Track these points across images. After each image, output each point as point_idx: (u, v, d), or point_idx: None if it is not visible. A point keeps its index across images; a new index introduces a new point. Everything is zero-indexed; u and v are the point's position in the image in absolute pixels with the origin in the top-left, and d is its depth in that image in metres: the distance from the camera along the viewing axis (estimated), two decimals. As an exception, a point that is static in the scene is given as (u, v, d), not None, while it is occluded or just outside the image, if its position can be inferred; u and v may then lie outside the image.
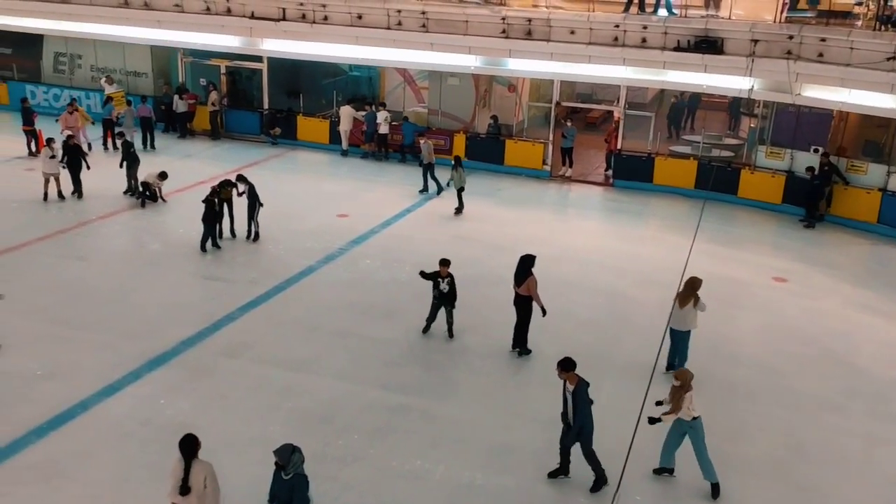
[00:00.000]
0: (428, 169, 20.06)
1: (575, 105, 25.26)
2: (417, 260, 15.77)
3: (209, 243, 16.10)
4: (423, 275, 12.67)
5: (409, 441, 10.33)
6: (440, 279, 12.45)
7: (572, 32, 20.15)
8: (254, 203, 16.62)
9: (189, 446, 7.71)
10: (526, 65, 21.20)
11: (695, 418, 9.32)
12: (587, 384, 9.16)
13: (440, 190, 20.03)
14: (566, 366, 9.18)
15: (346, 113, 23.33)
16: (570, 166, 22.34)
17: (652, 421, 9.30)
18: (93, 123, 22.73)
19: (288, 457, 7.55)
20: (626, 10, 20.33)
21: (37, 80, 27.30)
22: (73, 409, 10.62)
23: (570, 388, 9.12)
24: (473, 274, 15.43)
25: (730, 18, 19.78)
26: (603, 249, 17.29)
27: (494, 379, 11.89)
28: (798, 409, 11.50)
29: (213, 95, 24.40)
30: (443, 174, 19.68)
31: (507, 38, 20.66)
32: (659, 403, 9.58)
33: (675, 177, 21.24)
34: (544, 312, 12.23)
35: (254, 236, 16.77)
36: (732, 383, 12.11)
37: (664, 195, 21.11)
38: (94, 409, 10.68)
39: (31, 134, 21.70)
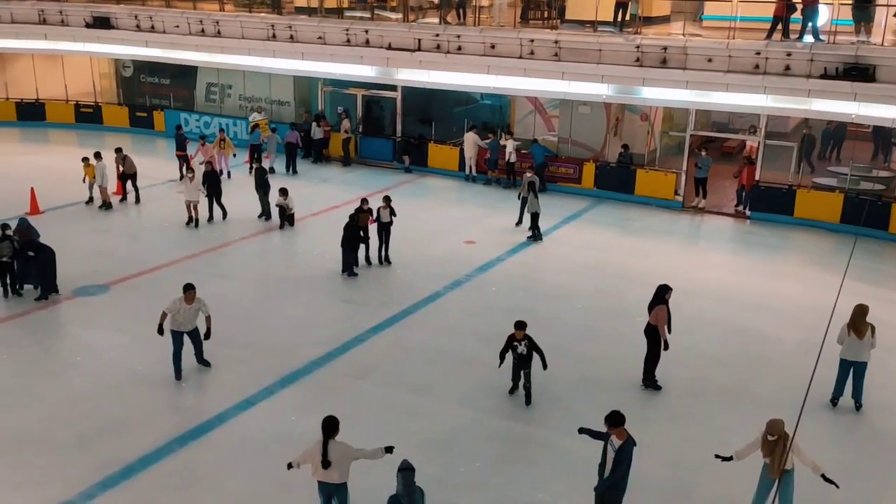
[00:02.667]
0: (526, 203, 19.38)
1: (710, 134, 24.52)
2: (542, 289, 15.71)
3: (349, 268, 16.45)
4: (503, 352, 11.80)
5: (531, 472, 10.22)
6: (517, 342, 11.72)
7: (710, 60, 19.58)
8: (389, 225, 17.03)
9: (328, 426, 8.35)
10: (660, 93, 20.74)
11: (787, 471, 8.74)
12: (634, 443, 8.72)
13: (521, 223, 19.51)
14: (614, 421, 8.73)
15: (470, 140, 23.64)
16: (704, 197, 21.62)
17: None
18: (234, 155, 23.74)
19: (397, 472, 7.76)
20: (769, 36, 19.55)
21: (190, 108, 29.29)
22: (211, 421, 11.17)
23: (617, 443, 8.68)
24: (601, 305, 15.16)
25: (882, 45, 18.64)
26: (738, 284, 16.55)
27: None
28: (958, 467, 10.55)
29: (346, 123, 25.37)
30: (560, 201, 18.97)
31: (640, 66, 20.33)
32: (725, 458, 9.09)
33: (819, 210, 20.12)
34: (666, 346, 11.88)
35: (385, 260, 17.21)
36: (883, 434, 11.26)
37: (806, 229, 20.05)
38: (230, 422, 11.20)
39: (184, 159, 23.18)
